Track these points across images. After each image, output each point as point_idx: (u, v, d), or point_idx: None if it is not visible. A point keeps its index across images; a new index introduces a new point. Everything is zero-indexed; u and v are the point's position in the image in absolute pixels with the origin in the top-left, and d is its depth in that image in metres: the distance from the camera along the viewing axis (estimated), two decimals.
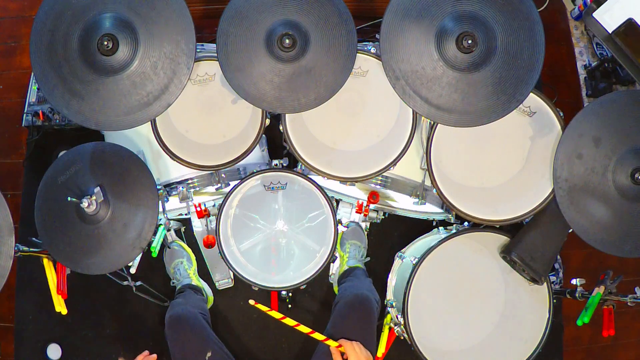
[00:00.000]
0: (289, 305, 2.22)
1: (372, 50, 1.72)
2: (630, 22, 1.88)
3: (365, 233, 2.19)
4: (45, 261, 1.68)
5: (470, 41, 1.51)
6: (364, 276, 2.02)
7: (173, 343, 1.76)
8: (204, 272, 2.21)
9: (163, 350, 2.21)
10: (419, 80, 1.57)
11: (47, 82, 1.55)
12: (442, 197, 1.75)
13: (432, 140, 1.72)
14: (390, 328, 1.98)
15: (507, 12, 1.54)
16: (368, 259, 2.19)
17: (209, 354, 1.75)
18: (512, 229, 1.81)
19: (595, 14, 1.94)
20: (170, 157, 1.76)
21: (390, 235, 2.28)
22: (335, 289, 2.19)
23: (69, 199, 1.54)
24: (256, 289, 1.87)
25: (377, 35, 2.08)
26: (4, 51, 2.50)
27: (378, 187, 1.88)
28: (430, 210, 2.00)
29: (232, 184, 1.87)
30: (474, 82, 1.56)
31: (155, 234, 1.78)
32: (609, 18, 1.92)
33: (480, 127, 1.60)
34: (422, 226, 2.11)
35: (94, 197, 1.55)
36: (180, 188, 1.84)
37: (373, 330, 1.75)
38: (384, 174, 1.78)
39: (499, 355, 1.78)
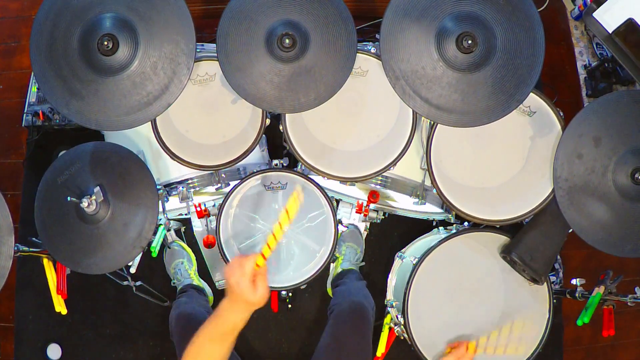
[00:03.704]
0: (289, 305, 2.22)
1: (372, 50, 1.72)
2: (630, 22, 1.87)
3: (365, 235, 2.19)
4: (45, 261, 1.68)
5: (470, 41, 1.50)
6: (358, 279, 2.02)
7: (181, 340, 1.75)
8: (204, 272, 2.21)
9: (163, 350, 2.22)
10: (419, 80, 1.56)
11: (47, 82, 1.54)
12: (442, 197, 1.75)
13: (432, 140, 1.72)
14: (390, 328, 1.98)
15: (507, 12, 1.53)
16: (363, 263, 2.19)
17: None
18: (512, 229, 1.81)
19: (595, 14, 1.94)
20: (170, 157, 1.76)
21: (390, 235, 2.28)
22: (329, 290, 2.18)
23: (68, 199, 1.54)
24: None
25: (377, 35, 2.08)
26: (4, 51, 2.49)
27: (378, 187, 1.88)
28: (430, 210, 1.99)
29: (232, 184, 1.87)
30: (474, 82, 1.56)
31: (155, 233, 1.78)
32: (609, 18, 1.92)
33: (480, 127, 1.60)
34: (422, 226, 2.11)
35: (93, 197, 1.55)
36: (180, 188, 1.84)
37: (369, 337, 1.75)
38: (384, 174, 1.78)
39: (499, 355, 1.78)
